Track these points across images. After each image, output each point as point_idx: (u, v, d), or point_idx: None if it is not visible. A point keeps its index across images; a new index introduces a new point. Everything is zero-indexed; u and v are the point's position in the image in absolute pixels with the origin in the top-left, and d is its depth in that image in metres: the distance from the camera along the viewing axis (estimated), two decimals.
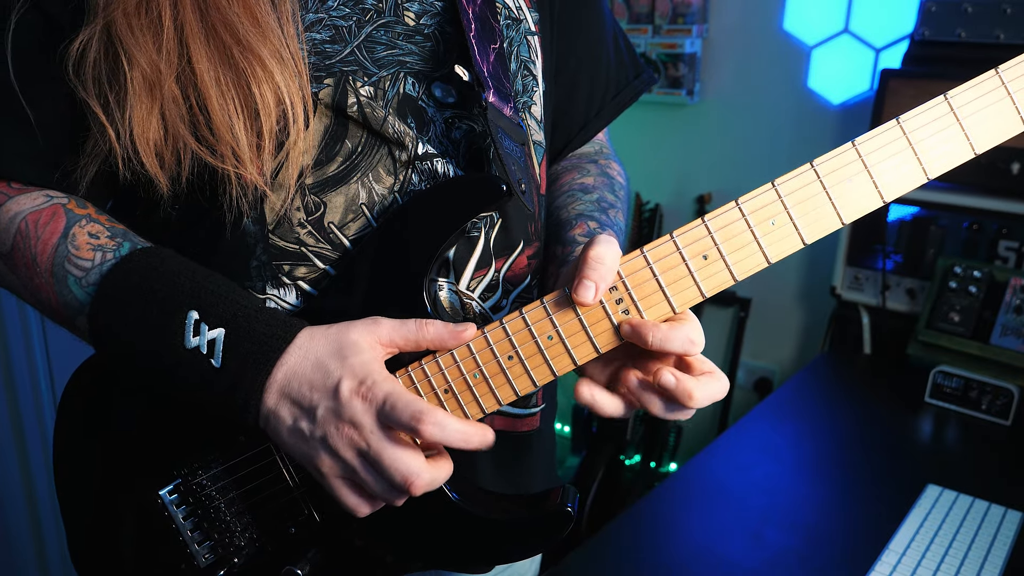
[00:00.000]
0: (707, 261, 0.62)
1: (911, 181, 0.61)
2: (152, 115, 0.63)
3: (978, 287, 1.63)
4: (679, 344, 0.61)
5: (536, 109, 0.81)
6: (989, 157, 1.61)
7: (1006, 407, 1.51)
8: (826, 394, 1.70)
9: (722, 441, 1.44)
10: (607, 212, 0.83)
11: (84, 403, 0.78)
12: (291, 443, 0.63)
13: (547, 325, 0.64)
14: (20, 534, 2.41)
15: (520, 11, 0.80)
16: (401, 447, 0.60)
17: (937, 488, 1.26)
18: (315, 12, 0.67)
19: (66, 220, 0.68)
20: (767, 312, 2.21)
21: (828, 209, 0.61)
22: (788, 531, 1.16)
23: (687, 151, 2.24)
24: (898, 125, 0.60)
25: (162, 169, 0.65)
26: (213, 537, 0.71)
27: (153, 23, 0.62)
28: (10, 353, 2.28)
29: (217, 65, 0.63)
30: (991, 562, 1.08)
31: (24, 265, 0.68)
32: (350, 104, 0.68)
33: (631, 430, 2.33)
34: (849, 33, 1.95)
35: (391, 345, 0.63)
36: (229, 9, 0.63)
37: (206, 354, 0.62)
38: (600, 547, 1.13)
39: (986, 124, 0.60)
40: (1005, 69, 0.59)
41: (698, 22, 2.11)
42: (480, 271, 0.74)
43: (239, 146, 0.64)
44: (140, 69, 0.62)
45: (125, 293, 0.64)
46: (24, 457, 2.37)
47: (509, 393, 0.65)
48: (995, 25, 1.61)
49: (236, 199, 0.66)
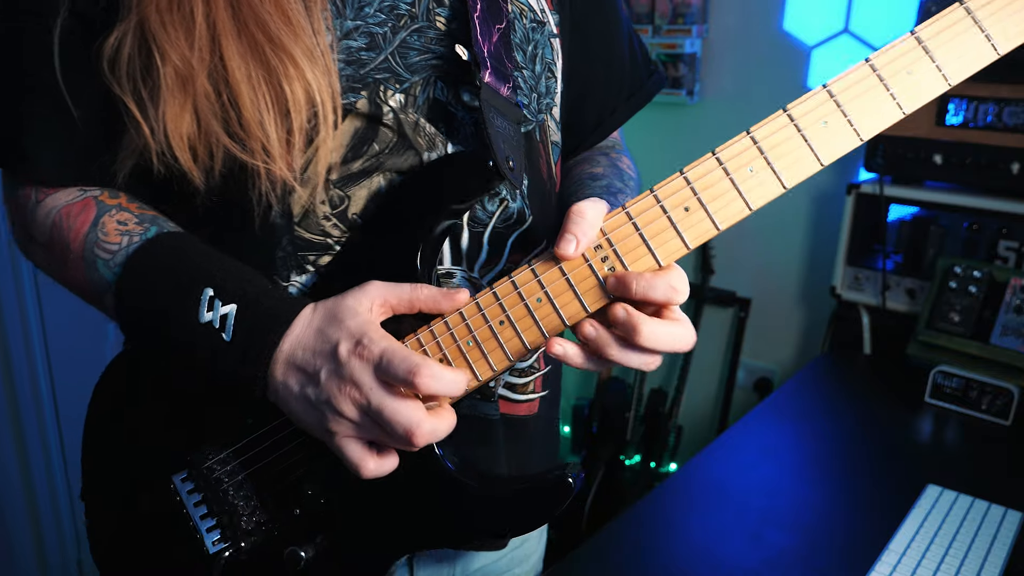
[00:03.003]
0: (688, 212, 0.63)
1: (886, 118, 0.61)
2: (185, 110, 0.64)
3: (978, 287, 1.63)
4: (662, 292, 0.62)
5: (557, 111, 0.82)
6: (989, 157, 1.61)
7: (1006, 407, 1.51)
8: (826, 394, 1.70)
9: (722, 441, 1.44)
10: (616, 196, 0.84)
11: (112, 393, 0.81)
12: (300, 410, 0.65)
13: (535, 287, 0.65)
14: (20, 534, 2.41)
15: (544, 13, 0.81)
16: (401, 400, 0.62)
17: (937, 488, 1.26)
18: (352, 20, 0.69)
19: (96, 210, 0.72)
20: (767, 312, 2.21)
21: (805, 151, 0.62)
22: (788, 531, 1.16)
23: (687, 151, 2.23)
24: (867, 64, 0.61)
25: (195, 163, 0.66)
26: (223, 522, 0.72)
27: (185, 19, 0.63)
28: (10, 353, 2.28)
29: (249, 62, 0.64)
30: (991, 562, 1.08)
31: (59, 252, 0.72)
32: (385, 113, 0.70)
33: (631, 430, 2.33)
34: (849, 33, 1.95)
35: (384, 304, 0.66)
36: (261, 7, 0.64)
37: (218, 328, 0.65)
38: (600, 547, 1.13)
39: (958, 55, 0.60)
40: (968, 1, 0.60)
41: (698, 22, 2.11)
42: (494, 260, 0.76)
43: (269, 141, 0.65)
44: (173, 65, 0.63)
45: (148, 272, 0.68)
46: (24, 457, 2.37)
47: (501, 358, 0.66)
48: None
49: (265, 193, 0.68)
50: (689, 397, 2.36)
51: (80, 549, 2.50)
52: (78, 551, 2.50)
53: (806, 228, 2.09)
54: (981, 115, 1.62)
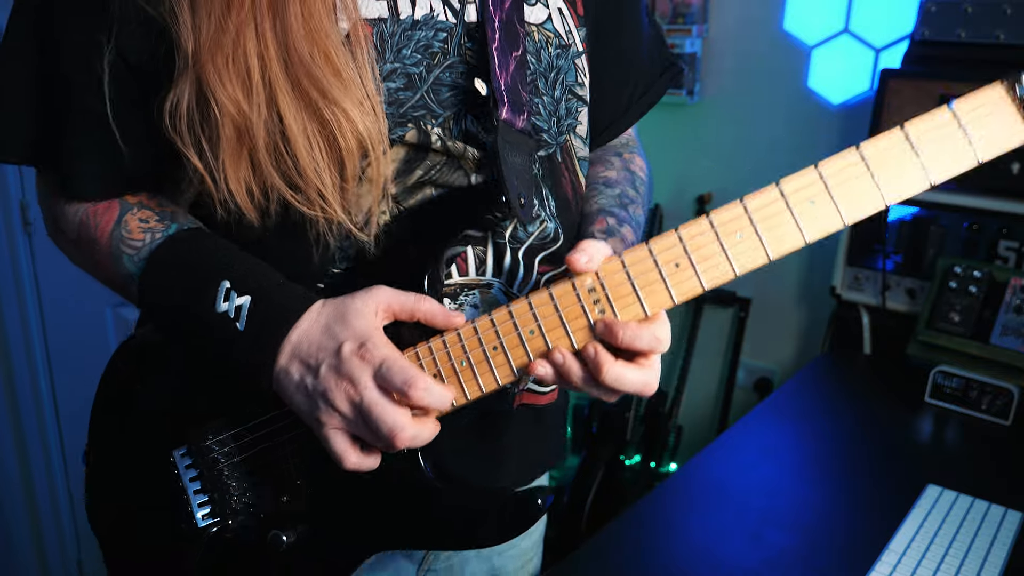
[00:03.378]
0: (678, 269, 0.67)
1: (871, 206, 0.65)
2: (242, 157, 0.69)
3: (978, 287, 1.63)
4: (646, 342, 0.66)
5: (581, 128, 0.86)
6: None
7: (1006, 407, 1.51)
8: (826, 394, 1.70)
9: (722, 441, 1.44)
10: (627, 208, 0.88)
11: (128, 363, 0.87)
12: (297, 398, 0.69)
13: (530, 319, 0.69)
14: (20, 534, 2.41)
15: (569, 35, 0.83)
16: (390, 403, 0.66)
17: (937, 488, 1.26)
18: (391, 63, 0.72)
19: (120, 209, 0.77)
20: (767, 312, 2.21)
21: (791, 227, 0.65)
22: (788, 531, 1.16)
23: (687, 151, 2.24)
24: (857, 151, 0.63)
25: (252, 205, 0.71)
26: (213, 499, 0.77)
27: (241, 73, 0.67)
28: (10, 353, 2.28)
29: (303, 116, 0.68)
30: (991, 562, 1.08)
31: (87, 247, 0.79)
32: (433, 141, 0.74)
33: (631, 430, 2.33)
34: (849, 33, 1.95)
35: (388, 311, 0.69)
36: (312, 64, 0.67)
37: (233, 318, 0.70)
38: (600, 547, 1.13)
39: (942, 157, 0.63)
40: (958, 104, 0.63)
41: (698, 22, 2.11)
42: (527, 277, 0.80)
43: (324, 188, 0.70)
44: (231, 116, 0.67)
45: (170, 266, 0.74)
46: (24, 457, 2.38)
47: (491, 381, 0.70)
48: (995, 25, 1.60)
49: (323, 234, 0.73)
50: (689, 397, 2.36)
51: (80, 549, 2.50)
52: (78, 551, 2.50)
53: None
54: None
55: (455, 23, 0.75)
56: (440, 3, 0.74)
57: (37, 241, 2.23)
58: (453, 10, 0.75)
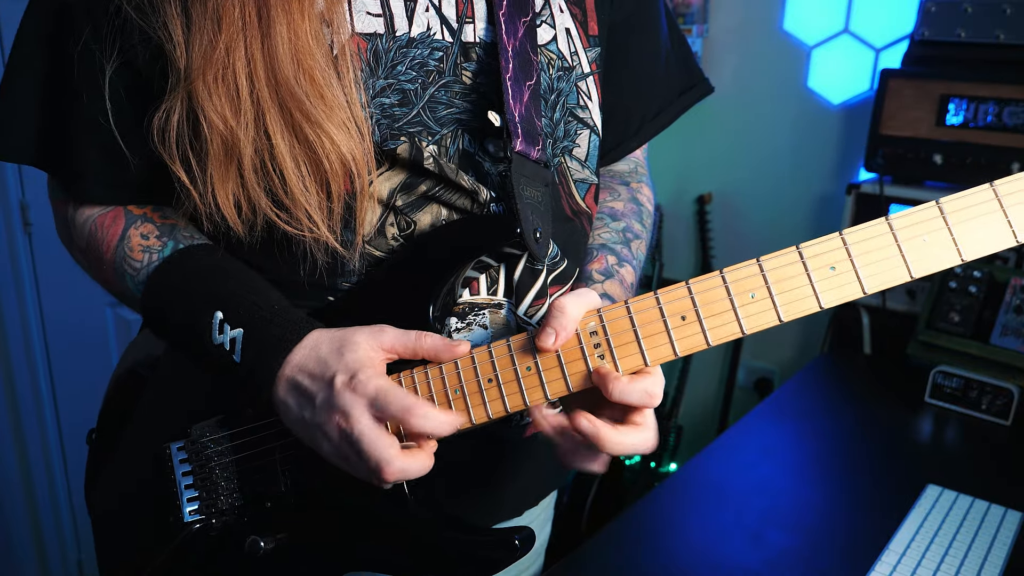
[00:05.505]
0: (684, 322, 0.65)
1: (894, 278, 0.62)
2: (230, 172, 0.69)
3: (978, 287, 1.63)
4: (637, 397, 0.66)
5: (579, 151, 0.85)
6: (989, 157, 1.61)
7: (1006, 407, 1.51)
8: (826, 394, 1.70)
9: (722, 441, 1.44)
10: (630, 244, 0.89)
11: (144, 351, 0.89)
12: (297, 428, 0.70)
13: (529, 357, 0.68)
14: (20, 534, 2.41)
15: (575, 56, 0.82)
16: (380, 437, 0.65)
17: (937, 488, 1.26)
18: (385, 78, 0.72)
19: (125, 222, 0.79)
20: None
21: (808, 291, 0.63)
22: (788, 531, 1.16)
23: (687, 151, 2.24)
24: (886, 222, 0.61)
25: (240, 219, 0.71)
26: (203, 496, 0.78)
27: (230, 92, 0.67)
28: (10, 353, 2.28)
29: (291, 137, 0.69)
30: (991, 562, 1.08)
31: (95, 258, 0.80)
32: (426, 158, 0.74)
33: None
34: (849, 33, 1.95)
35: (391, 351, 0.69)
36: (297, 86, 0.67)
37: (228, 350, 0.71)
38: (600, 547, 1.13)
39: (977, 234, 0.61)
40: (1000, 184, 0.60)
41: (698, 22, 2.11)
42: (539, 300, 0.80)
43: (311, 209, 0.70)
44: (219, 132, 0.68)
45: (166, 292, 0.75)
46: (24, 457, 2.38)
47: (482, 414, 0.69)
48: (995, 25, 1.60)
49: (309, 251, 0.73)
50: (689, 397, 2.36)
51: (80, 549, 2.50)
52: (78, 551, 2.50)
53: (806, 228, 2.09)
54: (981, 115, 1.62)
55: (451, 42, 0.75)
56: (437, 22, 0.74)
57: (37, 241, 2.23)
58: (451, 29, 0.75)
